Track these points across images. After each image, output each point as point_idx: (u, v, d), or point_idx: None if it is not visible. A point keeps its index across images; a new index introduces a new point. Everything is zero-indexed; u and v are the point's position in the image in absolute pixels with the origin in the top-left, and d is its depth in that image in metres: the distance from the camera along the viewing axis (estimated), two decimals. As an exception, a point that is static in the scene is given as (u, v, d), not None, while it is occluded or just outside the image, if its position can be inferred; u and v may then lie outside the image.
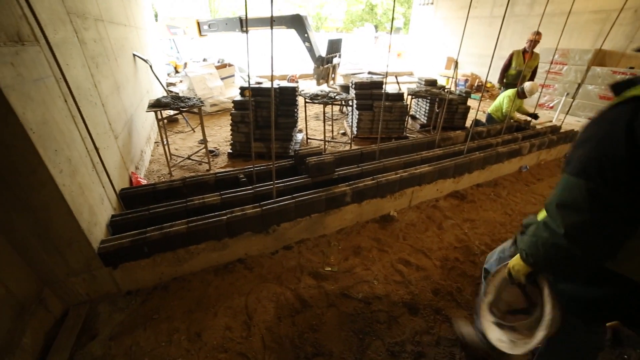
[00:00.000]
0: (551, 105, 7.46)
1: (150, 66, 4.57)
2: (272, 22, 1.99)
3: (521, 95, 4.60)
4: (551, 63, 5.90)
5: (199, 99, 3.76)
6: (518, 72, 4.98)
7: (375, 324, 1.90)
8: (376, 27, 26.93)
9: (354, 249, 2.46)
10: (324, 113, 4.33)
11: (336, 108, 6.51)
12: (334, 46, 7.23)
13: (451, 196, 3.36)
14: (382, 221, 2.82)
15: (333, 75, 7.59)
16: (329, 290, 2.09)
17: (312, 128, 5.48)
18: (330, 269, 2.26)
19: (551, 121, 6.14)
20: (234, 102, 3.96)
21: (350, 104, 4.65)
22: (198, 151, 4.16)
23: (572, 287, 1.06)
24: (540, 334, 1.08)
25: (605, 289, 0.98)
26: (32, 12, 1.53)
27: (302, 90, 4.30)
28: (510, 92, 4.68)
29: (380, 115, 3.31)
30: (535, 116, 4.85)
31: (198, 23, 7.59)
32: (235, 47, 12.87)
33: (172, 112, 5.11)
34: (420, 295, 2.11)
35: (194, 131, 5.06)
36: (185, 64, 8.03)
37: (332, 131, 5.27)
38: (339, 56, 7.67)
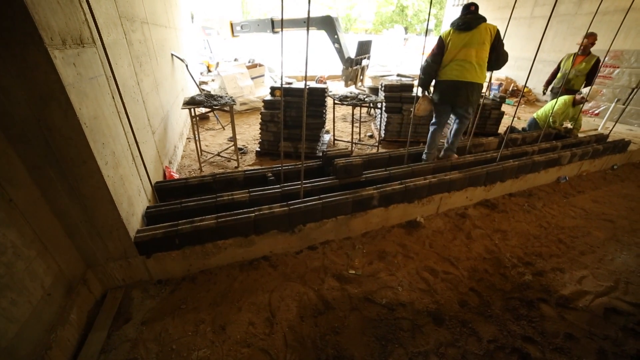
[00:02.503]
0: (597, 112, 6.96)
1: (186, 65, 4.78)
2: (307, 24, 2.02)
3: (576, 102, 4.34)
4: (600, 66, 5.51)
5: (231, 97, 3.88)
6: (564, 74, 4.68)
7: (399, 332, 1.86)
8: (406, 28, 26.43)
9: (378, 254, 2.43)
10: (352, 115, 4.31)
11: (364, 110, 6.47)
12: (364, 48, 7.18)
13: (481, 205, 3.22)
14: (409, 227, 2.76)
15: (362, 77, 7.54)
16: (352, 294, 2.08)
17: (340, 129, 5.48)
18: (354, 272, 2.25)
19: (596, 129, 5.72)
20: (264, 101, 4.05)
21: (379, 106, 4.59)
22: (227, 148, 4.29)
23: (434, 94, 3.18)
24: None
25: (439, 88, 3.09)
26: (92, 17, 1.68)
27: (331, 92, 4.31)
28: (567, 97, 4.43)
29: (411, 119, 3.24)
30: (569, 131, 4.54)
31: (231, 24, 7.83)
32: (265, 47, 13.13)
33: (204, 110, 5.31)
34: (446, 306, 2.04)
35: (224, 129, 5.23)
36: (218, 63, 8.31)
37: (360, 133, 5.23)
38: (368, 58, 7.61)
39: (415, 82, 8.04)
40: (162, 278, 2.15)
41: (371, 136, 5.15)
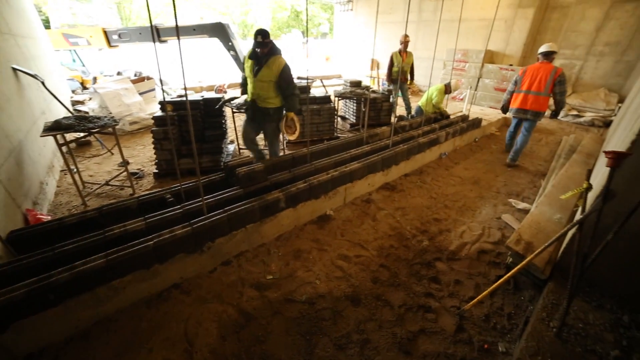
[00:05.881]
0: (461, 97, 8.53)
1: (42, 82, 3.99)
2: (178, 31, 1.91)
3: (447, 90, 5.23)
4: (453, 61, 6.75)
5: (112, 117, 3.40)
6: (400, 68, 5.63)
7: (321, 322, 1.94)
8: (303, 33, 27.55)
9: (294, 253, 2.48)
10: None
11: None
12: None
13: (383, 188, 3.61)
14: (320, 221, 2.90)
15: (262, 83, 7.51)
16: (272, 299, 2.08)
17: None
18: (271, 277, 2.25)
19: (462, 111, 7.00)
20: (154, 118, 3.68)
21: None
22: (118, 175, 3.76)
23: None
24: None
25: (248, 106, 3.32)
26: None
27: (233, 101, 4.18)
28: (440, 86, 5.28)
29: (308, 119, 3.39)
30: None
31: (105, 32, 6.80)
32: (154, 58, 11.93)
33: (79, 135, 4.52)
34: (361, 286, 2.22)
35: (112, 154, 4.56)
36: (95, 78, 7.18)
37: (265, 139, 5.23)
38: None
39: (315, 84, 8.46)
40: (34, 350, 1.72)
41: (278, 139, 5.21)
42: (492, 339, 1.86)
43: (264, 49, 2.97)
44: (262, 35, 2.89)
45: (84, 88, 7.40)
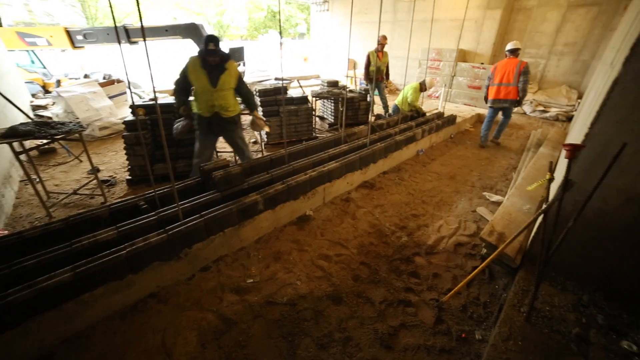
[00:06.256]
0: (437, 95, 8.77)
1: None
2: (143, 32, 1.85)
3: (422, 88, 5.35)
4: (427, 60, 6.93)
5: (78, 122, 3.24)
6: (377, 68, 5.76)
7: (303, 323, 1.94)
8: (281, 33, 27.36)
9: (274, 255, 2.46)
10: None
11: (246, 117, 6.40)
12: (236, 54, 7.07)
13: (362, 187, 3.65)
14: (300, 222, 2.89)
15: (240, 84, 7.42)
16: (252, 302, 2.05)
17: (221, 140, 5.26)
18: (252, 280, 2.22)
19: (437, 109, 7.20)
20: (124, 122, 3.54)
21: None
22: (87, 183, 3.58)
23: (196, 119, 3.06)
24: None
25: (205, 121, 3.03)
26: None
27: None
28: (415, 84, 5.40)
29: (285, 120, 3.38)
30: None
31: (67, 32, 6.37)
32: (126, 60, 11.45)
33: (41, 142, 4.26)
34: (342, 285, 2.23)
35: (81, 161, 4.34)
36: (59, 81, 6.77)
37: (244, 140, 5.17)
38: (243, 64, 7.55)
39: (293, 84, 8.45)
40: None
41: (255, 142, 5.15)
42: (469, 328, 1.93)
43: (217, 57, 2.79)
44: (214, 43, 2.71)
45: (46, 92, 6.96)
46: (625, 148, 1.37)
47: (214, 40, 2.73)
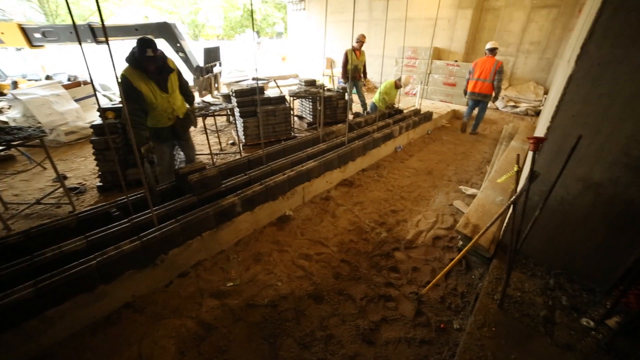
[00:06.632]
0: (414, 92, 8.96)
1: None
2: (106, 33, 1.77)
3: (397, 85, 5.45)
4: (403, 58, 7.06)
5: (39, 127, 3.06)
6: (354, 66, 5.83)
7: (284, 324, 1.93)
8: (258, 32, 27.02)
9: (254, 257, 2.43)
10: (205, 126, 4.12)
11: (223, 119, 6.29)
12: (212, 55, 6.90)
13: (341, 185, 3.67)
14: (280, 222, 2.87)
15: (217, 85, 7.26)
16: (233, 306, 2.02)
17: (199, 143, 5.14)
18: (232, 283, 2.18)
19: (414, 106, 7.36)
20: (92, 126, 3.37)
21: (229, 113, 4.54)
22: (53, 192, 3.38)
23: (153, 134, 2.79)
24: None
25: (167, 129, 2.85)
26: None
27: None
28: (390, 82, 5.52)
29: (262, 120, 3.34)
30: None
31: (22, 29, 5.86)
32: (95, 60, 10.90)
33: None
34: (323, 283, 2.24)
35: (45, 168, 4.09)
36: (15, 83, 6.31)
37: (220, 143, 5.07)
38: (220, 64, 7.39)
39: (270, 84, 8.37)
40: None
41: (233, 143, 5.07)
42: (447, 318, 1.99)
43: (158, 62, 2.55)
44: (152, 49, 2.43)
45: (1, 94, 6.45)
46: (581, 140, 1.45)
47: (151, 45, 2.41)
